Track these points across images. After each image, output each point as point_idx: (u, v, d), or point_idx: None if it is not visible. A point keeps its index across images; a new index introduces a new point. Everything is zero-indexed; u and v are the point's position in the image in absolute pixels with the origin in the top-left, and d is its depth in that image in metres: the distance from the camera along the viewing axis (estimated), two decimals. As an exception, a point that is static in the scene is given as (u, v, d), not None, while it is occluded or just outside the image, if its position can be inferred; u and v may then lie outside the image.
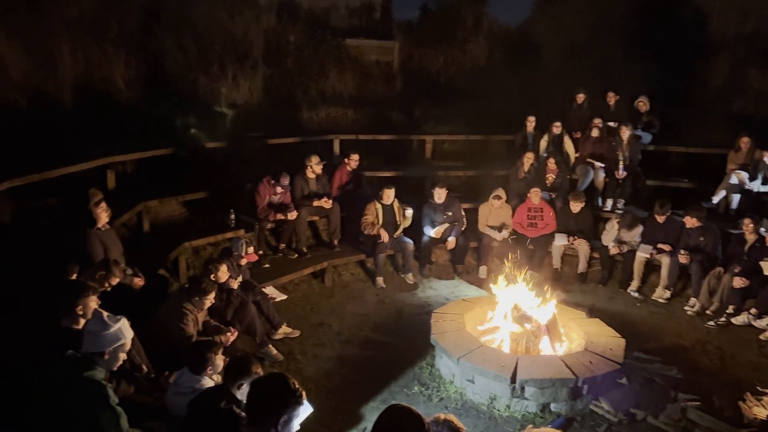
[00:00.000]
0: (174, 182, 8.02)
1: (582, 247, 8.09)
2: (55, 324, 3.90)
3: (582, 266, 8.17)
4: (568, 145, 9.51)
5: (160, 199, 7.55)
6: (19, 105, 7.76)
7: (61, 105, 8.21)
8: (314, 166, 8.09)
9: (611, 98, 10.14)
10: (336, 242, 8.23)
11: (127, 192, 7.44)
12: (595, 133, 9.35)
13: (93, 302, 3.98)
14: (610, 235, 8.03)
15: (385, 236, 7.77)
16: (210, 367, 3.98)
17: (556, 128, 9.48)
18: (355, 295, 7.63)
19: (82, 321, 3.94)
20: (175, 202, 7.81)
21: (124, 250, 5.77)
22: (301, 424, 3.80)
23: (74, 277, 4.58)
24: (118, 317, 3.33)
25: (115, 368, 3.39)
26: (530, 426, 2.15)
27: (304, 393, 2.53)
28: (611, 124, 9.70)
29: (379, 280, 7.86)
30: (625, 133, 9.03)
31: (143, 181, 7.94)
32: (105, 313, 3.30)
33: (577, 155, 9.48)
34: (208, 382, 3.96)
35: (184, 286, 5.48)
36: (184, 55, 9.88)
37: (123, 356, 3.37)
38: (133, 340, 3.54)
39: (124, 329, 3.33)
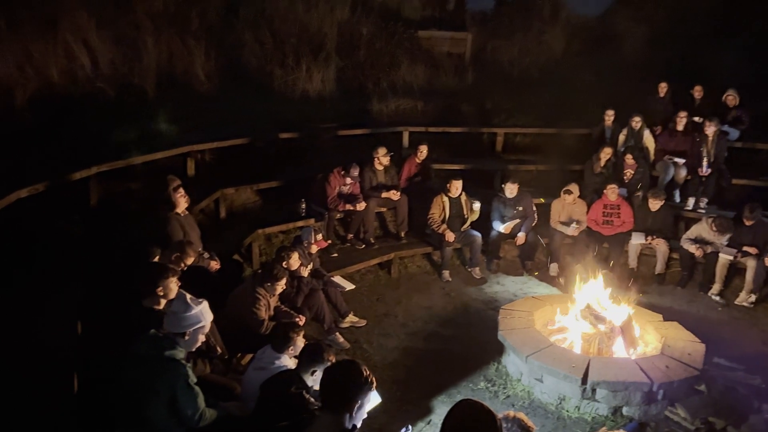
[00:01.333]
0: (249, 171, 8.24)
1: (660, 247, 7.75)
2: (138, 304, 4.11)
3: (660, 267, 7.82)
4: (649, 140, 9.11)
5: (236, 187, 7.79)
6: (107, 95, 8.19)
7: (144, 94, 8.60)
8: (381, 158, 8.12)
9: (697, 92, 9.61)
10: (403, 234, 8.24)
11: (206, 180, 7.71)
12: (679, 126, 8.91)
13: (173, 284, 4.15)
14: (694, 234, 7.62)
15: (450, 237, 7.69)
16: (291, 347, 4.10)
17: (636, 123, 9.09)
18: (421, 287, 7.62)
19: (163, 302, 4.13)
20: (249, 190, 8.04)
21: (201, 234, 5.99)
22: (368, 414, 3.86)
23: (156, 259, 4.79)
24: (200, 300, 3.46)
25: (194, 349, 3.53)
26: (604, 429, 2.07)
27: (374, 379, 2.54)
28: (696, 119, 9.21)
29: (446, 273, 7.81)
30: (711, 128, 8.55)
31: (221, 169, 8.19)
32: (188, 296, 3.44)
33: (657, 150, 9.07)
34: (286, 361, 4.08)
35: (257, 271, 5.65)
36: (261, 47, 10.13)
37: (202, 338, 3.51)
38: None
39: (204, 312, 3.46)
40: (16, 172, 5.91)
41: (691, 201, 8.50)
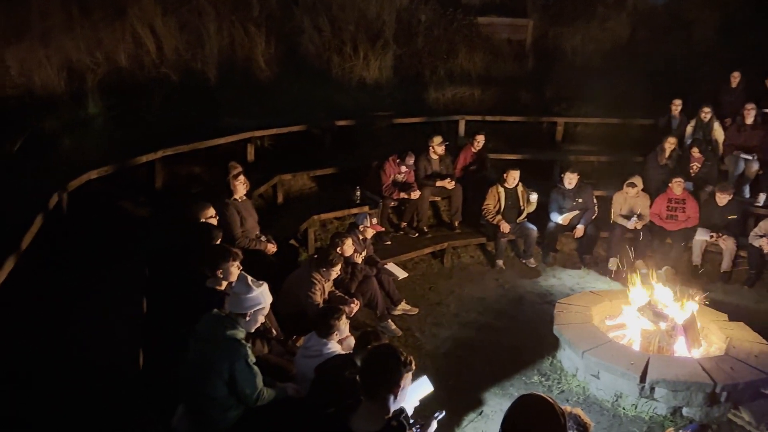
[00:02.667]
0: (306, 158, 8.35)
1: (727, 244, 7.41)
2: (202, 284, 4.24)
3: (726, 265, 7.48)
4: (718, 133, 8.71)
5: (293, 174, 7.91)
6: (171, 80, 8.42)
7: (207, 81, 8.80)
8: (436, 147, 8.06)
9: (773, 82, 9.11)
10: (457, 224, 8.18)
11: (264, 165, 7.86)
12: (747, 120, 8.48)
13: (234, 267, 4.26)
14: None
15: (505, 228, 7.60)
16: (336, 332, 4.16)
17: (705, 114, 8.71)
18: (473, 277, 7.55)
19: (225, 283, 4.25)
20: (306, 176, 8.15)
21: (259, 219, 6.12)
22: (420, 402, 3.87)
23: (218, 242, 4.92)
24: (261, 282, 3.54)
25: (253, 329, 3.62)
26: (671, 429, 2.00)
27: (412, 360, 2.51)
28: (769, 111, 8.75)
29: (499, 262, 7.71)
30: (787, 120, 8.13)
31: (279, 155, 8.32)
32: (249, 278, 3.52)
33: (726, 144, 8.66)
34: (334, 346, 4.15)
35: (313, 256, 5.73)
36: (319, 34, 10.20)
37: (261, 319, 3.60)
38: (267, 304, 3.75)
39: (264, 294, 3.54)
40: (86, 153, 6.17)
41: (762, 196, 8.11)
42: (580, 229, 7.69)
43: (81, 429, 3.27)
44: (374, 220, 6.56)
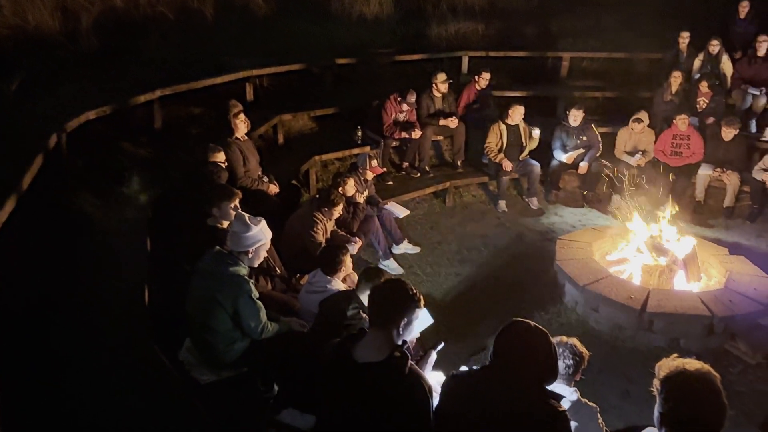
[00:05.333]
0: (306, 97, 8.22)
1: (731, 179, 7.37)
2: (203, 223, 4.28)
3: (729, 200, 7.46)
4: (726, 66, 8.51)
5: (293, 114, 7.80)
6: (167, 18, 8.21)
7: (204, 19, 8.58)
8: (440, 84, 7.90)
9: (786, 12, 8.83)
10: (459, 163, 8.13)
11: (264, 105, 7.76)
12: (760, 52, 8.24)
13: (230, 207, 4.29)
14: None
15: (508, 166, 7.54)
16: (341, 267, 4.22)
17: (713, 47, 8.48)
18: (475, 216, 7.57)
19: (225, 222, 4.28)
20: (306, 116, 8.03)
21: (260, 159, 6.10)
22: (420, 334, 3.95)
23: (224, 181, 4.92)
24: (258, 218, 3.56)
25: (257, 265, 3.67)
26: (675, 355, 2.05)
27: (421, 297, 2.57)
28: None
29: (502, 203, 7.70)
30: (799, 53, 7.91)
31: (278, 95, 8.20)
32: (247, 216, 3.54)
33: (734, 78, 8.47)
34: (337, 283, 4.21)
35: (315, 196, 5.74)
36: (317, -33, 9.85)
37: (264, 254, 3.64)
38: (268, 242, 3.78)
39: (264, 230, 3.57)
40: (84, 94, 6.10)
41: (769, 131, 7.99)
42: (584, 166, 7.64)
43: (89, 365, 3.36)
44: (374, 162, 6.51)
